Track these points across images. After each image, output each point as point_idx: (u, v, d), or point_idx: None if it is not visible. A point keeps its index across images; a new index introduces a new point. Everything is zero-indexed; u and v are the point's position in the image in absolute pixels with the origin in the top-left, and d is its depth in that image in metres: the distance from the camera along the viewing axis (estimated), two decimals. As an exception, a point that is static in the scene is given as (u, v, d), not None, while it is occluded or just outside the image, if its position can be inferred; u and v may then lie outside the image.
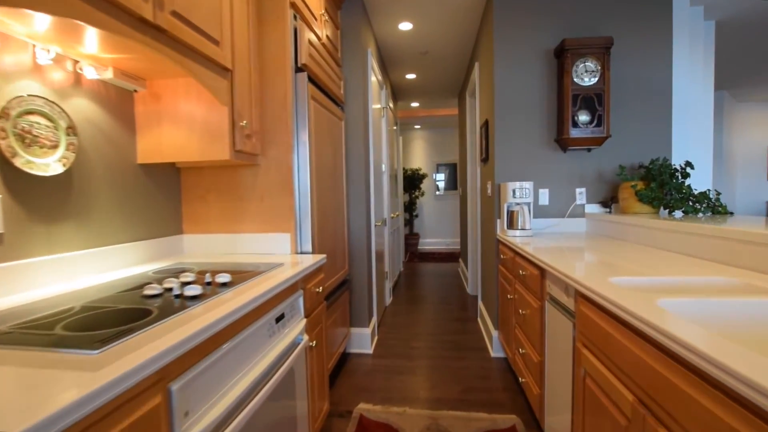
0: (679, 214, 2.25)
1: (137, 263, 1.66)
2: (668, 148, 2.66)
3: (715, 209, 2.13)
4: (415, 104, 6.37)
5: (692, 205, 2.16)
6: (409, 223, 8.10)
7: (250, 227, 1.93)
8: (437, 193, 8.27)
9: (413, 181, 7.78)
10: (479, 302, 3.57)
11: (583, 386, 1.24)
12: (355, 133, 2.83)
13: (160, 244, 1.82)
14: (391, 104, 4.92)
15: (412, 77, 4.80)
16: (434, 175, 8.29)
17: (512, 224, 2.54)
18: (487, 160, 3.04)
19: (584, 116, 2.51)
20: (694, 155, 3.05)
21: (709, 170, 3.15)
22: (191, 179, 1.97)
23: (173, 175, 1.94)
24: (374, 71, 3.39)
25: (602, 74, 2.47)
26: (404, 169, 7.98)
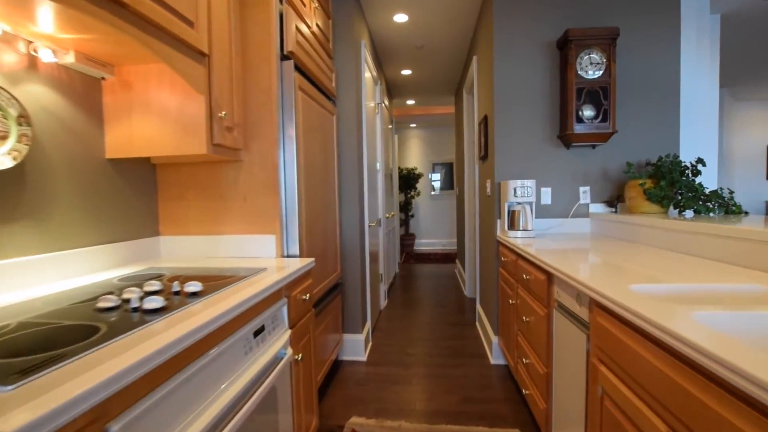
0: (688, 214, 2.12)
1: (105, 268, 1.51)
2: (676, 145, 2.54)
3: (728, 209, 2.01)
4: (410, 102, 6.23)
5: (704, 204, 2.03)
6: (404, 223, 7.96)
7: (232, 228, 1.78)
8: (432, 193, 8.14)
9: (409, 180, 7.65)
10: (477, 306, 3.43)
11: (600, 407, 1.11)
12: (347, 128, 2.69)
13: (133, 247, 1.66)
14: (386, 102, 4.78)
15: (407, 73, 4.66)
16: (430, 174, 8.16)
17: (513, 225, 2.41)
18: (486, 157, 2.91)
19: (589, 111, 2.39)
20: (699, 153, 2.93)
21: (714, 169, 3.04)
22: (168, 176, 1.82)
23: (148, 171, 1.78)
24: (368, 65, 3.25)
25: (608, 66, 2.34)
26: (400, 168, 7.84)
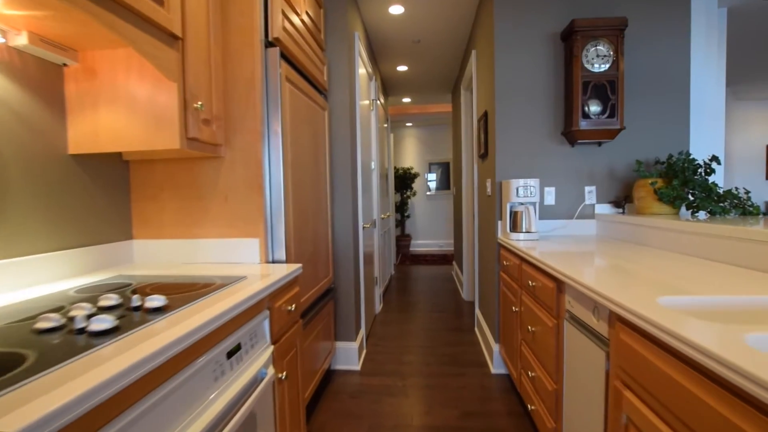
0: (701, 215, 2.00)
1: (69, 276, 1.35)
2: (685, 143, 2.42)
3: (745, 210, 1.89)
4: (406, 100, 6.10)
5: (720, 204, 1.91)
6: (400, 224, 7.82)
7: (212, 231, 1.62)
8: (428, 193, 8.00)
9: (405, 180, 7.51)
10: (476, 310, 3.30)
11: (623, 437, 0.97)
12: (340, 124, 2.54)
13: (101, 252, 1.51)
14: (381, 99, 4.64)
15: (403, 69, 4.52)
16: (426, 174, 8.02)
17: (516, 226, 2.28)
18: (486, 155, 2.78)
19: (595, 106, 2.26)
20: (705, 152, 2.82)
21: (720, 168, 2.93)
22: (142, 174, 1.66)
23: (120, 169, 1.63)
24: (362, 59, 3.11)
25: (616, 59, 2.21)
26: (395, 168, 7.70)
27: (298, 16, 1.93)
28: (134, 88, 1.33)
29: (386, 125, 5.32)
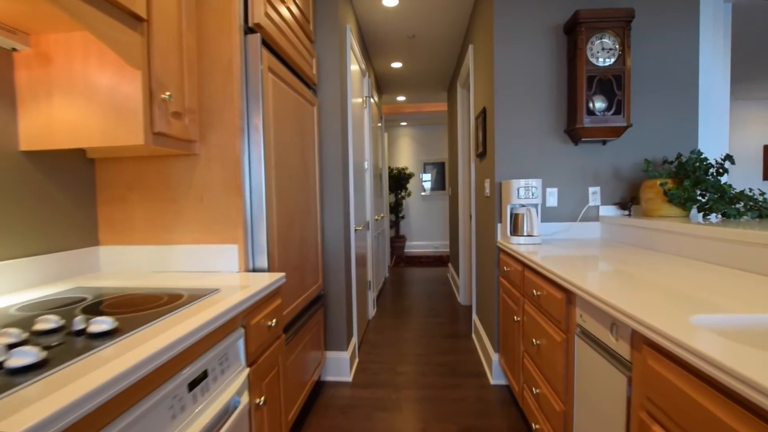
0: (711, 217, 1.88)
1: (20, 288, 1.20)
2: (693, 141, 2.31)
3: (762, 212, 1.77)
4: (401, 98, 5.96)
5: (734, 206, 1.79)
6: (395, 225, 7.68)
7: (185, 237, 1.47)
8: (423, 193, 7.87)
9: (399, 180, 7.37)
10: (474, 316, 3.17)
11: (651, 478, 0.84)
12: (331, 121, 2.40)
13: (62, 260, 1.35)
14: (375, 98, 4.50)
15: (398, 66, 4.38)
16: (421, 174, 7.89)
17: (516, 230, 2.15)
18: (484, 154, 2.64)
19: (600, 102, 2.13)
20: (711, 151, 2.71)
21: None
22: (108, 173, 1.51)
23: (84, 167, 1.47)
24: (355, 53, 2.96)
25: (622, 52, 2.09)
26: (390, 168, 7.56)
27: (283, 2, 1.78)
28: (93, 76, 1.17)
29: (380, 124, 5.18)
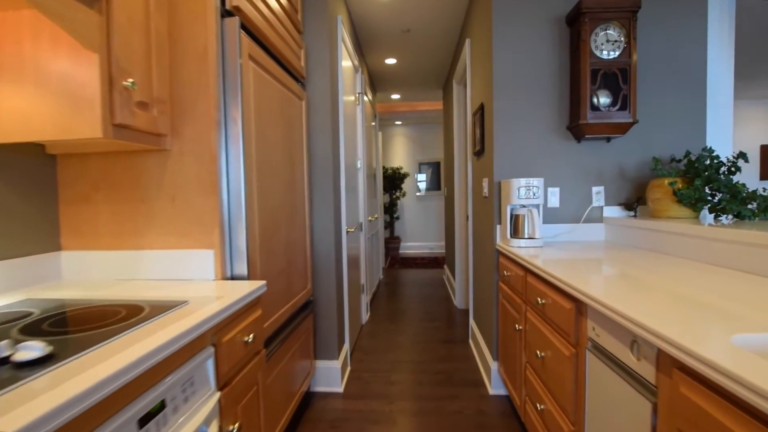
0: (724, 219, 1.78)
1: (-40, 301, 1.06)
2: (701, 138, 2.20)
3: (779, 213, 1.67)
4: (395, 96, 5.83)
5: (748, 206, 1.69)
6: (389, 225, 7.55)
7: (156, 241, 1.33)
8: (418, 194, 7.75)
9: (394, 180, 7.24)
10: (471, 320, 3.05)
11: None
12: (320, 117, 2.26)
13: (15, 268, 1.21)
14: (369, 96, 4.37)
15: (392, 62, 4.26)
16: (416, 174, 7.77)
17: (517, 232, 2.03)
18: (482, 152, 2.53)
19: (605, 97, 2.02)
20: (716, 149, 2.61)
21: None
22: (72, 171, 1.37)
23: (42, 164, 1.33)
24: (347, 48, 2.83)
25: (628, 44, 1.98)
26: (384, 168, 7.43)
27: (267, -13, 1.65)
28: (45, 60, 1.04)
29: (374, 123, 5.05)
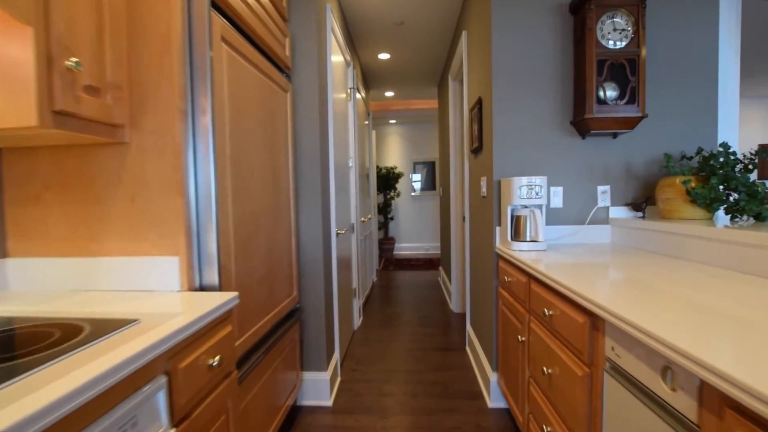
0: (740, 220, 1.65)
1: None
2: (713, 135, 2.08)
3: (801, 214, 1.54)
4: (389, 93, 5.69)
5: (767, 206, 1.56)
6: (383, 226, 7.40)
7: (113, 246, 1.18)
8: (413, 194, 7.61)
9: (388, 180, 7.09)
10: (468, 326, 2.91)
11: None
12: (307, 111, 2.11)
13: (-53, 277, 1.05)
14: (362, 93, 4.22)
15: (385, 57, 4.11)
16: (410, 174, 7.63)
17: (518, 234, 1.89)
18: (480, 149, 2.39)
19: (612, 90, 1.89)
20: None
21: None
22: (19, 167, 1.20)
23: (-16, 160, 1.17)
24: (337, 39, 2.68)
25: (636, 34, 1.85)
26: (378, 167, 7.28)
27: (246, -34, 1.49)
28: (-29, 34, 0.88)
29: (367, 122, 4.90)
